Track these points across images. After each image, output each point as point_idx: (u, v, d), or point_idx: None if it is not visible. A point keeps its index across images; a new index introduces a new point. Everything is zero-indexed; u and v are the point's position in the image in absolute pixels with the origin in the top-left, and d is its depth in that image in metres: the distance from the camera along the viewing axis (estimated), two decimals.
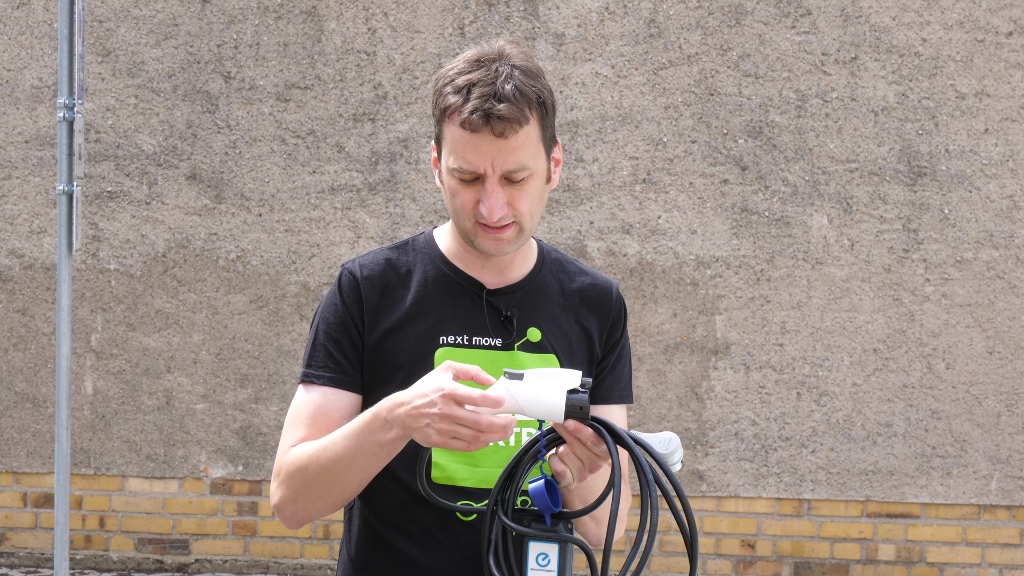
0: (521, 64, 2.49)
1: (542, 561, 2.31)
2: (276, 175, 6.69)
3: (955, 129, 6.59)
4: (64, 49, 5.49)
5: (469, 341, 2.59)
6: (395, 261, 2.64)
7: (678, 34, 6.62)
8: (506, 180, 2.48)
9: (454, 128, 2.46)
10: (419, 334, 2.58)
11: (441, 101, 2.49)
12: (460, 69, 2.48)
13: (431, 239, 2.68)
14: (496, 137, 2.44)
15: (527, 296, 2.64)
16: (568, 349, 2.64)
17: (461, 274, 2.62)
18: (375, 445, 2.39)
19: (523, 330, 2.61)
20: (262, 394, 6.72)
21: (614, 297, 2.71)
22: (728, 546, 6.75)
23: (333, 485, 2.47)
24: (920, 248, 6.62)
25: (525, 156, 2.48)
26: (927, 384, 6.65)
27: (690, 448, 6.70)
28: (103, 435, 6.79)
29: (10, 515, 6.87)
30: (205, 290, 6.73)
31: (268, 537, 6.82)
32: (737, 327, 6.66)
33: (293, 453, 2.53)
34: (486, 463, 2.56)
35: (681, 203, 6.64)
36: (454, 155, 2.48)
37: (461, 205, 2.50)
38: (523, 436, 2.58)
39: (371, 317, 2.59)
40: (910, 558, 6.73)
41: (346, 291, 2.61)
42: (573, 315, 2.67)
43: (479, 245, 2.54)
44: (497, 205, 2.47)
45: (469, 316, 2.60)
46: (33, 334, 6.77)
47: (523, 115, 2.45)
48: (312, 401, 2.57)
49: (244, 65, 6.68)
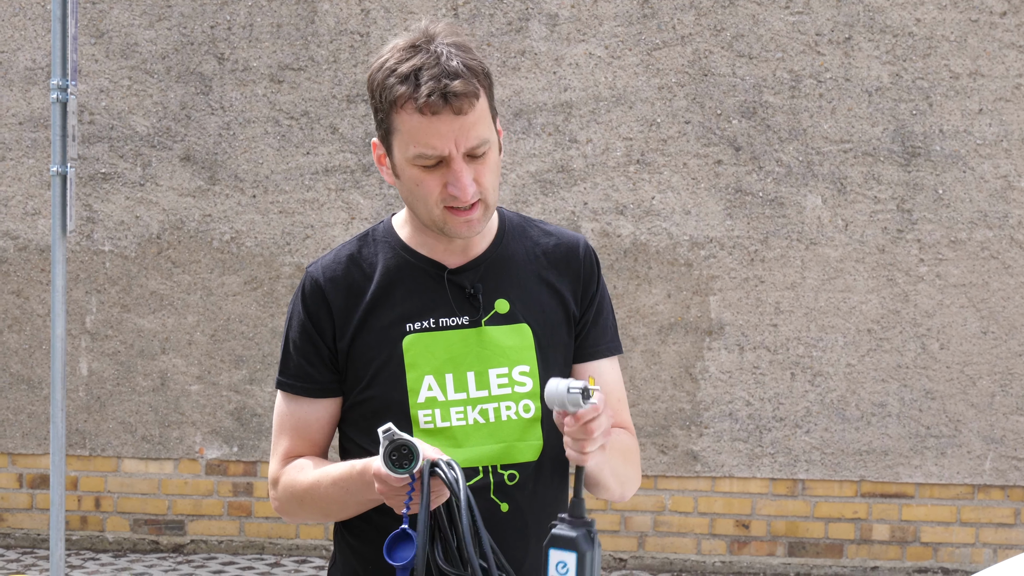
0: (454, 41, 2.47)
1: (561, 569, 2.31)
2: (270, 156, 6.69)
3: (949, 109, 6.59)
4: (57, 30, 5.48)
5: (436, 324, 2.57)
6: (357, 256, 2.62)
7: (672, 14, 6.61)
8: (469, 157, 2.46)
9: (408, 116, 2.44)
10: (384, 325, 2.56)
11: (388, 93, 2.45)
12: (398, 58, 2.46)
13: (390, 227, 2.65)
14: (456, 115, 2.42)
15: (491, 268, 2.61)
16: (541, 315, 2.61)
17: (422, 258, 2.60)
18: (363, 499, 2.48)
19: (490, 304, 2.59)
20: (257, 375, 6.73)
21: (582, 252, 2.67)
22: (723, 526, 6.76)
23: (328, 515, 2.59)
24: (914, 228, 6.62)
25: (483, 129, 2.47)
26: (921, 364, 6.66)
27: (684, 429, 6.71)
28: (98, 416, 6.80)
29: (6, 496, 6.88)
30: (199, 271, 6.74)
31: (263, 518, 6.83)
32: (731, 308, 6.67)
33: (288, 477, 2.59)
34: (468, 443, 2.56)
35: (675, 184, 6.64)
36: (414, 143, 2.45)
37: (427, 193, 2.48)
38: (502, 412, 2.58)
39: (341, 320, 2.58)
40: (904, 538, 6.74)
41: (310, 301, 2.59)
42: (542, 279, 2.64)
43: (450, 231, 2.51)
44: (468, 184, 2.45)
45: (433, 299, 2.58)
46: (28, 316, 6.78)
47: (476, 88, 2.44)
48: (291, 413, 2.61)
49: (237, 46, 6.68)
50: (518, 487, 2.57)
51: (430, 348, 2.56)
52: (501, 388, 2.57)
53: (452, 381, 2.56)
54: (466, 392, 2.56)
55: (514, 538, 2.56)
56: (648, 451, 6.69)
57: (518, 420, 2.57)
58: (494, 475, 2.56)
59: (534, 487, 2.58)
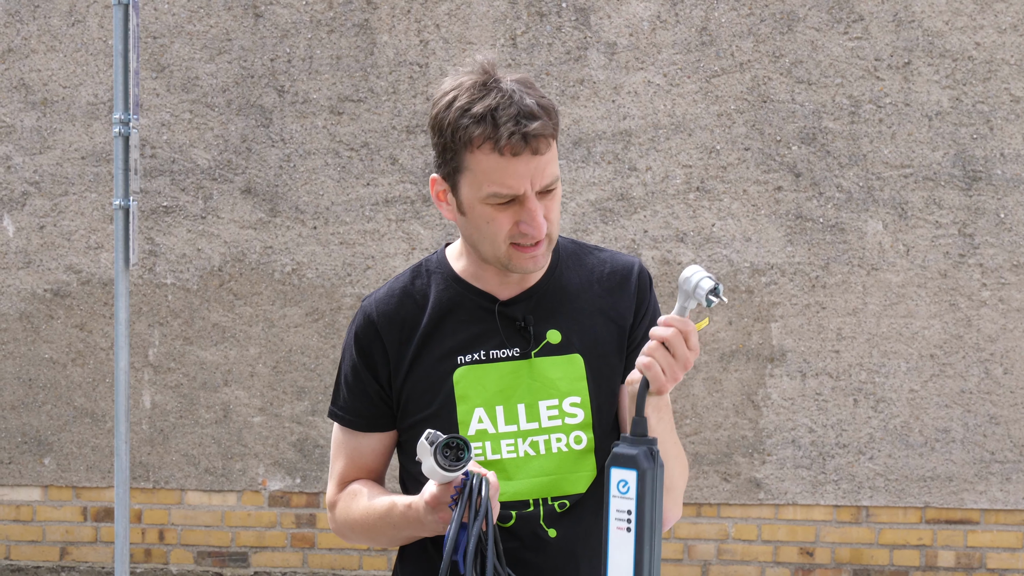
0: (519, 78, 2.49)
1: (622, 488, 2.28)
2: (330, 188, 6.71)
3: (1010, 133, 6.56)
4: (119, 65, 5.52)
5: (486, 356, 2.58)
6: (411, 288, 2.64)
7: (730, 41, 6.61)
8: (540, 194, 2.48)
9: (485, 156, 2.44)
10: (437, 358, 2.58)
11: (462, 133, 2.44)
12: (469, 96, 2.45)
13: (443, 259, 2.66)
14: (533, 155, 2.43)
15: (543, 299, 2.62)
16: (593, 344, 2.61)
17: (475, 290, 2.61)
18: (410, 534, 2.53)
19: (541, 335, 2.59)
20: (319, 406, 6.75)
21: (636, 273, 2.68)
22: (787, 554, 6.73)
23: (382, 544, 2.65)
24: (976, 253, 6.59)
25: (555, 166, 2.49)
26: (985, 389, 6.62)
27: (747, 456, 6.69)
28: (161, 449, 6.82)
29: (71, 530, 6.91)
30: (261, 303, 6.76)
31: (327, 549, 6.83)
32: (793, 334, 6.65)
33: (343, 504, 2.64)
34: (519, 475, 2.56)
35: (735, 211, 6.63)
36: (488, 182, 2.45)
37: (497, 231, 2.49)
38: (552, 444, 2.58)
39: (395, 357, 2.59)
40: (970, 564, 6.69)
41: (363, 339, 2.62)
42: (597, 307, 2.64)
43: (515, 267, 2.52)
44: (542, 223, 2.46)
45: (484, 331, 2.59)
46: (91, 349, 6.81)
47: (552, 128, 2.45)
48: (345, 442, 2.66)
49: (297, 79, 6.71)
50: (568, 515, 2.57)
51: (481, 380, 2.57)
52: (551, 420, 2.57)
53: (503, 413, 2.57)
54: (516, 424, 2.57)
55: (563, 564, 2.56)
56: (711, 479, 6.67)
57: (569, 452, 2.57)
58: (544, 506, 2.56)
59: (584, 515, 2.58)
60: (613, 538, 2.26)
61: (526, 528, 2.54)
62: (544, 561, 2.53)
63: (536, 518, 2.55)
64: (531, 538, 2.54)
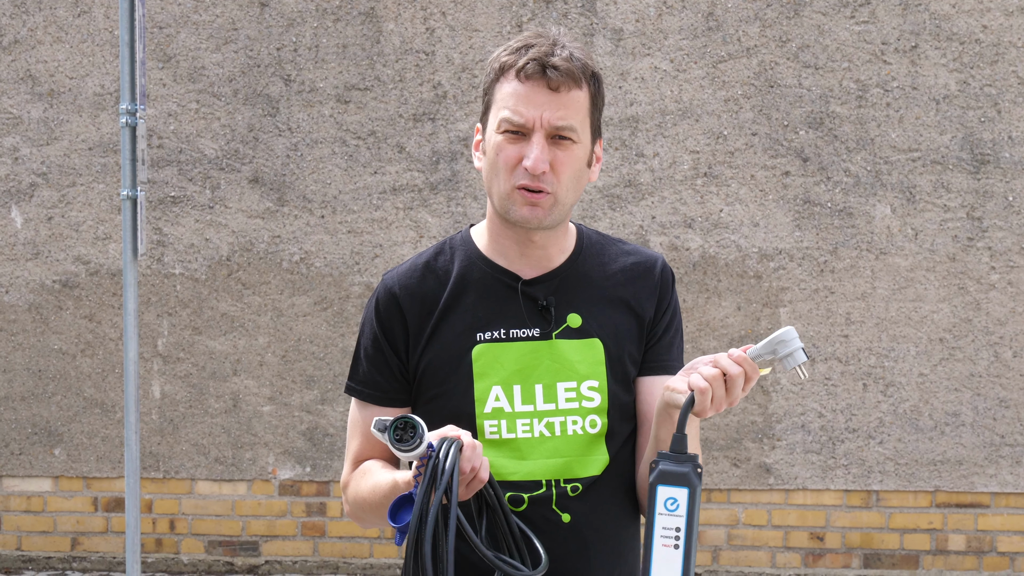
0: (577, 46, 2.53)
1: (671, 506, 2.28)
2: (338, 177, 6.71)
3: (1018, 116, 6.55)
4: (125, 55, 5.51)
5: (506, 335, 2.58)
6: (433, 263, 2.64)
7: (736, 27, 6.60)
8: (552, 140, 2.49)
9: (507, 83, 2.49)
10: (456, 334, 2.58)
11: (497, 65, 2.52)
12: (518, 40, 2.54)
13: (468, 236, 2.67)
14: (550, 90, 2.46)
15: (566, 282, 2.62)
16: (613, 332, 2.61)
17: (497, 268, 2.61)
18: None
19: (562, 317, 2.59)
20: (328, 395, 6.75)
21: (659, 268, 2.68)
22: (797, 539, 6.73)
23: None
24: (985, 236, 6.58)
25: (574, 117, 2.49)
26: (994, 373, 6.61)
27: (757, 442, 6.69)
28: (171, 439, 6.83)
29: (82, 520, 6.92)
30: (269, 292, 6.76)
31: (337, 537, 6.84)
32: (801, 319, 6.64)
33: (353, 484, 2.63)
34: (532, 456, 2.56)
35: (743, 196, 6.63)
36: (505, 108, 2.49)
37: (504, 161, 2.50)
38: (568, 427, 2.59)
39: (416, 331, 2.60)
40: (980, 548, 6.69)
41: (384, 311, 2.62)
42: (618, 297, 2.64)
43: (514, 213, 2.52)
44: (541, 157, 2.47)
45: (504, 309, 2.59)
46: (100, 340, 6.82)
47: (577, 76, 2.48)
48: (362, 419, 2.65)
49: (304, 68, 6.71)
50: (580, 499, 2.57)
51: (499, 358, 2.57)
52: (569, 402, 2.57)
53: (520, 393, 2.57)
54: (533, 404, 2.57)
55: (576, 549, 2.56)
56: (721, 464, 6.67)
57: (584, 435, 2.57)
58: (556, 488, 2.56)
59: (598, 500, 2.58)
60: (658, 555, 2.26)
61: (538, 512, 2.54)
62: (557, 546, 2.53)
63: (549, 501, 2.55)
64: (544, 523, 2.53)
